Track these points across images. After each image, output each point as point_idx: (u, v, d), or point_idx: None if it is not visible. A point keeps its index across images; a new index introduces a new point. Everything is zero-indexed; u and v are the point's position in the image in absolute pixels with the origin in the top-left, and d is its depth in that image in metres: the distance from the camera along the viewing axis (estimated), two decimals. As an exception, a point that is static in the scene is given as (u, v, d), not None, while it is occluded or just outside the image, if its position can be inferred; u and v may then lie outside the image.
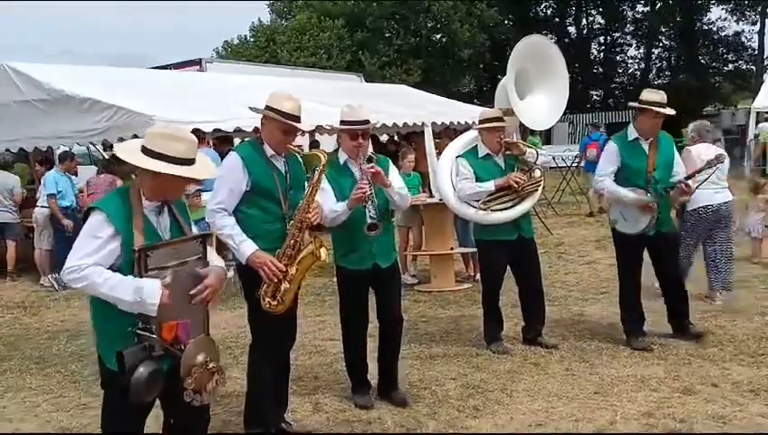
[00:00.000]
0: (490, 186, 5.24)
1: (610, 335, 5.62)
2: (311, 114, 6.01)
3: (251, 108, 3.95)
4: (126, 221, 2.78)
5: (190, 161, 2.88)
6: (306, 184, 3.89)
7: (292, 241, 3.70)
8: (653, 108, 5.07)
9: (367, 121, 4.24)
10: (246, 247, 3.66)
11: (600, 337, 5.58)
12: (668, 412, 4.08)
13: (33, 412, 4.63)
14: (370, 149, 4.55)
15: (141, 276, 2.73)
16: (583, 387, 4.54)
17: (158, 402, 2.98)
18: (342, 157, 4.31)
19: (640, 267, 5.36)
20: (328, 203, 4.10)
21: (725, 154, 6.37)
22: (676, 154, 5.38)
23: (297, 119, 3.77)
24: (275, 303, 3.69)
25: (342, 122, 4.25)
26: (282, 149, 3.81)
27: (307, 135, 11.80)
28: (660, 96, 5.16)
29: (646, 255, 5.38)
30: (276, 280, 3.64)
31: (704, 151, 6.16)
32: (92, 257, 2.73)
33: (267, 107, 3.78)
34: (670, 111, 5.11)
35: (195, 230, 3.10)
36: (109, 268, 2.75)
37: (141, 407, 2.88)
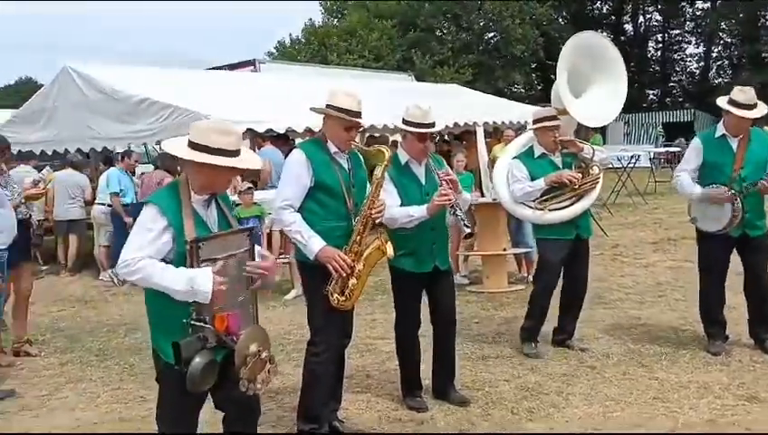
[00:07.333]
0: (540, 183, 5.14)
1: (670, 339, 5.47)
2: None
3: (312, 108, 3.96)
4: (177, 214, 2.82)
5: (236, 153, 2.91)
6: (369, 181, 3.89)
7: (358, 237, 3.71)
8: (731, 109, 4.85)
9: (434, 124, 4.24)
10: (315, 243, 3.66)
11: (659, 341, 5.42)
12: (733, 420, 3.93)
13: (94, 403, 4.76)
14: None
15: (194, 268, 2.77)
16: (642, 392, 4.41)
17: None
18: (404, 157, 4.27)
19: (723, 269, 5.10)
20: (395, 206, 4.07)
21: None
22: None
23: (358, 114, 3.79)
24: (343, 299, 3.70)
25: (411, 123, 4.19)
26: (345, 146, 3.81)
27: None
28: (746, 95, 4.88)
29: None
30: (344, 275, 3.65)
31: None
32: (146, 250, 2.77)
33: (328, 105, 3.79)
34: (750, 114, 4.84)
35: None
36: (161, 261, 2.79)
37: (195, 400, 2.93)
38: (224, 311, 2.80)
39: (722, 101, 4.95)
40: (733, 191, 4.83)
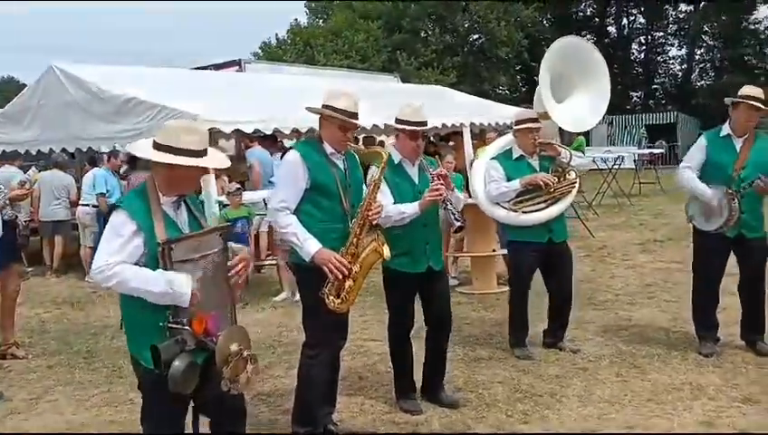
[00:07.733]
0: (515, 184, 5.15)
1: (661, 340, 5.50)
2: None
3: (308, 108, 3.92)
4: (147, 217, 2.78)
5: (201, 153, 2.87)
6: (365, 182, 3.86)
7: (355, 239, 3.67)
8: (746, 101, 4.85)
9: (426, 123, 4.23)
10: (311, 245, 3.62)
11: (650, 342, 5.45)
12: (728, 422, 3.95)
13: (83, 406, 4.70)
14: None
15: (167, 270, 2.73)
16: (636, 393, 4.43)
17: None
18: (397, 157, 4.24)
19: (719, 271, 5.09)
20: (389, 204, 4.04)
21: None
22: None
23: (355, 115, 3.75)
24: (339, 301, 3.66)
25: (403, 122, 4.18)
26: (341, 147, 3.78)
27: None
28: (757, 92, 4.91)
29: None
30: (341, 277, 3.61)
31: None
32: (118, 255, 2.73)
33: (325, 106, 3.75)
34: (761, 105, 4.85)
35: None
36: (134, 265, 2.76)
37: (179, 403, 2.88)
38: (201, 313, 2.76)
39: (730, 99, 4.97)
40: (731, 191, 4.86)
